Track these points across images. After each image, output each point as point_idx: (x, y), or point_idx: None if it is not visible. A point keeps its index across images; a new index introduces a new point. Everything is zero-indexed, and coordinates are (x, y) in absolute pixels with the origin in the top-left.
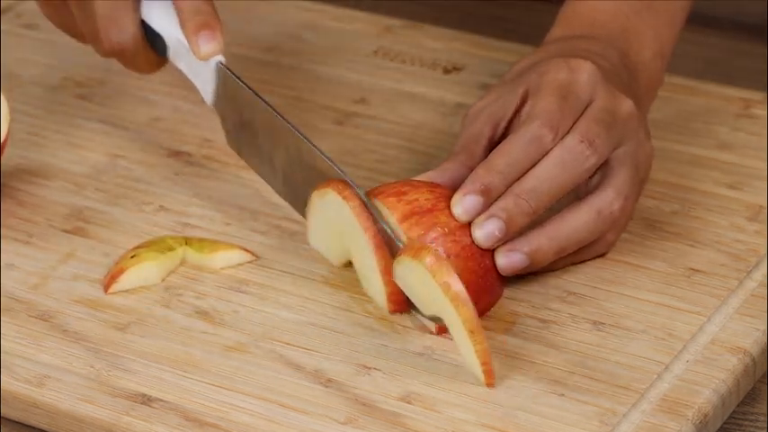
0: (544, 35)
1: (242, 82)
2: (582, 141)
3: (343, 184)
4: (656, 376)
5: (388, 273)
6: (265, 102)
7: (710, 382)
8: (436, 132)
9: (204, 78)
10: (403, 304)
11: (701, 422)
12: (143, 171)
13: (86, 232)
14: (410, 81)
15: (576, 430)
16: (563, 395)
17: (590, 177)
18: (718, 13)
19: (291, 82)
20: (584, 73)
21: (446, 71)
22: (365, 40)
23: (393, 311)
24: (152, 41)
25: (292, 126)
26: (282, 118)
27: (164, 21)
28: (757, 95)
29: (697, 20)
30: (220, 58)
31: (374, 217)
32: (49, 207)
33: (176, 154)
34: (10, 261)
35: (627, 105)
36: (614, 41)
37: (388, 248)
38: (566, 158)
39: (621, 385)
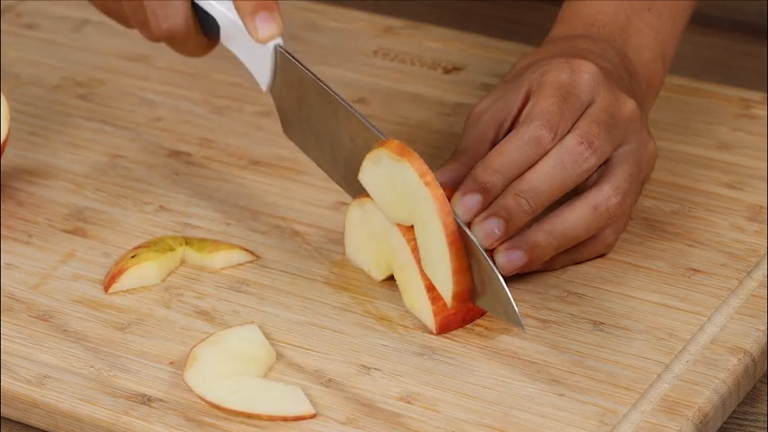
0: (544, 35)
1: (302, 66)
2: (581, 143)
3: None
4: (656, 376)
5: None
6: (326, 87)
7: (710, 382)
8: (436, 132)
9: (260, 62)
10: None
11: (701, 422)
12: (143, 171)
13: (86, 232)
14: (410, 81)
15: (576, 430)
16: (563, 395)
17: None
18: (718, 13)
19: None
20: (586, 73)
21: (446, 71)
22: (365, 40)
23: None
24: (202, 22)
25: (356, 112)
26: (346, 104)
27: (216, 1)
28: (757, 95)
29: (697, 20)
30: (279, 40)
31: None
32: (49, 207)
33: (176, 154)
34: (10, 261)
35: (629, 105)
36: (614, 42)
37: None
38: (565, 159)
39: (621, 385)
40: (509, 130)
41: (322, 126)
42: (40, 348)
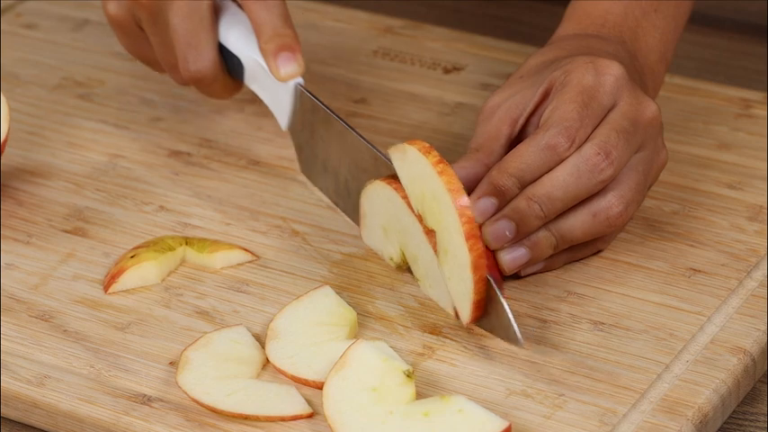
0: (544, 35)
1: (321, 103)
2: (599, 153)
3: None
4: (656, 376)
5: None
6: (344, 122)
7: (710, 382)
8: (436, 132)
9: (281, 101)
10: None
11: (700, 422)
12: (143, 171)
13: (86, 232)
14: (410, 81)
15: (576, 430)
16: (563, 395)
17: None
18: (718, 13)
19: None
20: (611, 75)
21: (446, 71)
22: (365, 40)
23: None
24: (228, 63)
25: (375, 148)
26: (363, 139)
27: (241, 42)
28: (757, 95)
29: (697, 20)
30: (300, 80)
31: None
32: (49, 207)
33: (176, 154)
34: (10, 261)
35: (651, 109)
36: (624, 43)
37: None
38: (581, 168)
39: (621, 385)
40: (524, 127)
41: (338, 161)
42: (40, 348)
